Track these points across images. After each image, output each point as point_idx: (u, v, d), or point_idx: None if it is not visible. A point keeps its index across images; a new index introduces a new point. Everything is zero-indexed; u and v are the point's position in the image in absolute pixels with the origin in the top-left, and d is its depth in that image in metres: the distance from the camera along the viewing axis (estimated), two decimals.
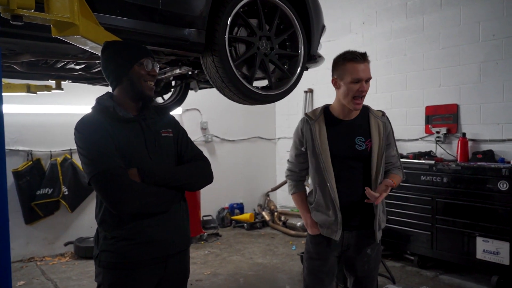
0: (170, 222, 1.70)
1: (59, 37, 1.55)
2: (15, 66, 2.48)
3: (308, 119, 2.11)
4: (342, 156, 2.05)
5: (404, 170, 4.52)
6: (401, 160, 4.21)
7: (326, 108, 2.14)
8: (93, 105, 1.71)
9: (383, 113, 2.15)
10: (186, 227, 1.80)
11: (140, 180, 1.59)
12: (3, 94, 1.20)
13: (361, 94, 1.99)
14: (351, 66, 1.97)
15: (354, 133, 2.07)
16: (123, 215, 1.60)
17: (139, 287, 1.64)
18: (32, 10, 1.35)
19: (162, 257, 1.68)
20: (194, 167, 1.79)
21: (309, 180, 2.22)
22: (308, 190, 2.26)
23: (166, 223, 1.68)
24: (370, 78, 2.01)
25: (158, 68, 1.79)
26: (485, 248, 3.52)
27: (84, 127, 1.62)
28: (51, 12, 1.43)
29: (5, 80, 3.23)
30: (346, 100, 2.01)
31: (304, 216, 2.21)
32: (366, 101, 2.09)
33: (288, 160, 2.28)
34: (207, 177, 1.83)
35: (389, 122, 2.16)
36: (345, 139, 2.06)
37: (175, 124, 1.84)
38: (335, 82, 2.06)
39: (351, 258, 2.13)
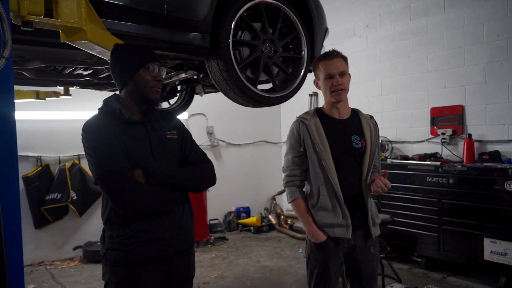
0: (174, 222, 1.73)
1: (68, 42, 1.59)
2: (24, 73, 2.53)
3: (303, 120, 2.13)
4: (341, 153, 2.08)
5: (410, 172, 4.49)
6: (407, 161, 4.22)
7: (318, 110, 2.18)
8: (100, 106, 1.75)
9: (371, 117, 2.24)
10: (189, 227, 1.82)
11: (145, 181, 1.62)
12: None
13: (338, 88, 2.04)
14: (323, 64, 2.08)
15: (350, 132, 2.11)
16: (128, 215, 1.64)
17: (145, 284, 1.67)
18: (42, 16, 1.39)
19: (166, 255, 1.71)
20: (198, 169, 1.81)
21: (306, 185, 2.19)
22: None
23: (170, 222, 1.71)
24: (343, 71, 2.05)
25: (164, 73, 1.82)
26: (493, 249, 3.50)
27: (91, 128, 1.66)
28: (60, 18, 1.48)
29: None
30: (328, 97, 2.10)
31: (307, 224, 2.10)
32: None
33: (283, 167, 2.20)
34: (210, 179, 1.86)
35: (377, 126, 2.23)
36: (342, 137, 2.10)
37: (180, 126, 1.87)
38: (316, 84, 2.17)
39: (357, 259, 2.12)
